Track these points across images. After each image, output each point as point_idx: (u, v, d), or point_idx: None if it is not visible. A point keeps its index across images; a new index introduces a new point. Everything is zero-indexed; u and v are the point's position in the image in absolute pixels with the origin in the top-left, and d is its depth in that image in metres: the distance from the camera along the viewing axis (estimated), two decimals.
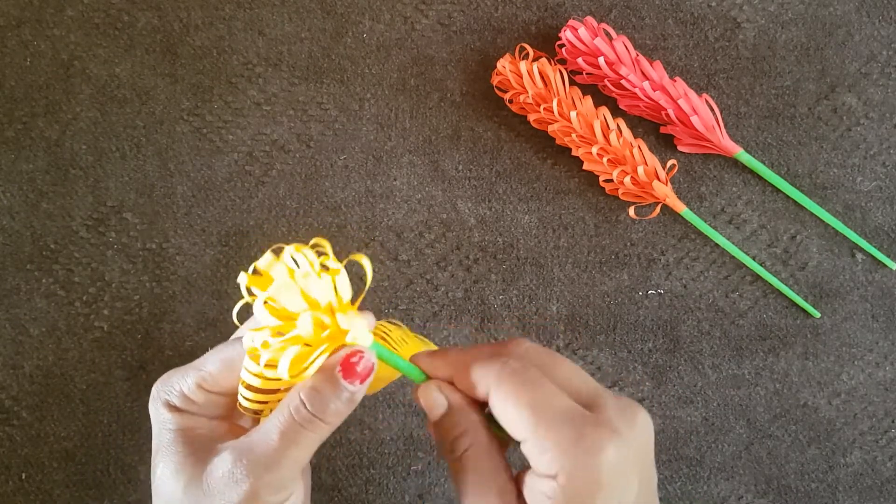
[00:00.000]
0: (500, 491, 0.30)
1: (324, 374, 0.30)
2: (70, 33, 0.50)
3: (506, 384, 0.30)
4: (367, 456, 0.50)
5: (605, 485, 0.28)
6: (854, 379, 0.50)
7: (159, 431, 0.33)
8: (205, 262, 0.50)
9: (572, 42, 0.48)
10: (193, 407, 0.33)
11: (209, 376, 0.33)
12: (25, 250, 0.49)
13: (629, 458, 0.29)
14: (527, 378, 0.30)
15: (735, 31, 0.50)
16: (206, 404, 0.33)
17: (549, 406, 0.29)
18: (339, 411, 0.31)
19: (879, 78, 0.50)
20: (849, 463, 0.50)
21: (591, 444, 0.28)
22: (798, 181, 0.50)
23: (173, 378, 0.34)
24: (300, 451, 0.30)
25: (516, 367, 0.30)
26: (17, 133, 0.50)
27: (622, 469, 0.29)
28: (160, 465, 0.33)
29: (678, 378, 0.50)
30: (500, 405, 0.30)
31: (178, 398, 0.33)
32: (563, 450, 0.28)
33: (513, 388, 0.30)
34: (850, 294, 0.50)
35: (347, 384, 0.30)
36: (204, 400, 0.33)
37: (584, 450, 0.28)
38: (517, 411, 0.29)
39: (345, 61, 0.50)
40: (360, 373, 0.30)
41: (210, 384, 0.33)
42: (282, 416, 0.31)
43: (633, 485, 0.29)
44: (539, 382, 0.30)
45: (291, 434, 0.30)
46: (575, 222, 0.50)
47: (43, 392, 0.49)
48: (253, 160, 0.50)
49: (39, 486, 0.49)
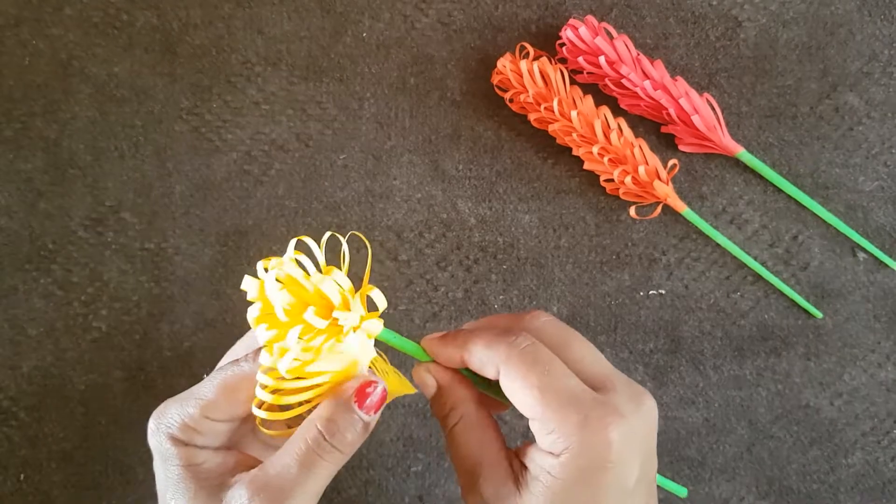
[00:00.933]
0: (489, 462, 0.31)
1: (339, 403, 0.31)
2: (68, 32, 0.49)
3: (514, 365, 0.30)
4: (366, 457, 0.50)
5: (607, 466, 0.29)
6: (856, 379, 0.50)
7: (166, 467, 0.32)
8: (203, 262, 0.49)
9: (573, 41, 0.48)
10: (197, 437, 0.32)
11: (211, 404, 0.32)
12: (23, 250, 0.49)
13: (633, 443, 0.29)
14: (536, 358, 0.30)
15: (736, 29, 0.50)
16: (209, 433, 0.32)
17: (556, 387, 0.29)
18: (354, 441, 0.31)
19: (881, 77, 0.50)
20: (851, 464, 0.50)
21: (596, 426, 0.29)
22: (800, 181, 0.50)
23: (171, 409, 0.32)
24: (317, 481, 0.30)
25: (525, 346, 0.30)
26: (16, 132, 0.49)
27: (625, 453, 0.29)
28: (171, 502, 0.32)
29: (679, 379, 0.50)
30: (508, 385, 0.30)
31: (179, 430, 0.32)
32: (568, 431, 0.29)
33: (521, 368, 0.30)
34: (852, 294, 0.50)
35: (362, 414, 0.31)
36: (207, 429, 0.32)
37: (589, 432, 0.28)
38: (525, 392, 0.30)
39: (344, 60, 0.50)
40: (374, 403, 0.31)
41: (212, 412, 0.32)
42: (298, 446, 0.30)
43: (635, 469, 0.30)
44: (548, 363, 0.30)
45: (308, 465, 0.30)
46: (575, 222, 0.50)
47: (41, 392, 0.49)
48: (252, 160, 0.50)
49: (38, 486, 0.49)
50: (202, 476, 0.32)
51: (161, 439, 0.32)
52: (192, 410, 0.32)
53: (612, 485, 0.29)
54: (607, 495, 0.29)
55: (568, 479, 0.29)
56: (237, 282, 0.49)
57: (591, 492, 0.29)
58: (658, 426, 0.50)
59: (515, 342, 0.31)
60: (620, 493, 0.29)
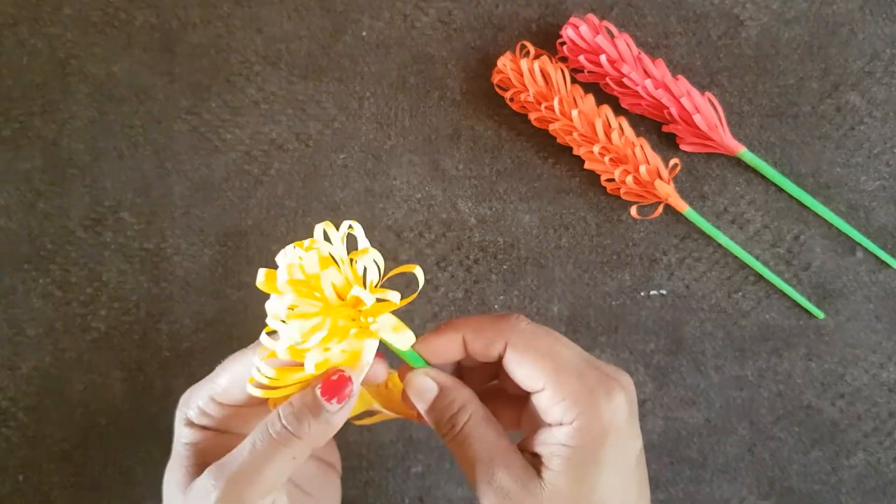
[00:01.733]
0: (505, 453, 0.31)
1: (304, 392, 0.31)
2: (67, 31, 0.49)
3: (523, 337, 0.31)
4: (366, 458, 0.49)
5: (617, 430, 0.30)
6: (858, 380, 0.50)
7: (174, 446, 0.34)
8: (203, 262, 0.49)
9: (574, 40, 0.48)
10: (208, 420, 0.34)
11: (221, 389, 0.33)
12: (22, 250, 0.49)
13: (633, 412, 0.31)
14: (539, 333, 0.32)
15: (738, 28, 0.50)
16: (220, 418, 0.34)
17: (564, 357, 0.31)
18: (315, 432, 0.31)
19: (883, 76, 0.49)
20: (852, 465, 0.50)
21: (605, 393, 0.30)
22: (801, 180, 0.49)
23: (192, 394, 0.34)
24: (272, 467, 0.30)
25: (527, 325, 0.32)
26: (14, 132, 0.49)
27: (630, 419, 0.31)
28: (169, 477, 0.33)
29: (681, 379, 0.50)
30: (517, 358, 0.31)
31: (195, 413, 0.34)
32: (576, 399, 0.30)
33: (530, 340, 0.31)
34: (854, 294, 0.49)
35: (325, 403, 0.31)
36: (218, 413, 0.34)
37: (599, 397, 0.30)
38: (535, 363, 0.31)
39: (344, 59, 0.50)
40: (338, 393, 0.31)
41: (222, 397, 0.33)
42: (258, 433, 0.31)
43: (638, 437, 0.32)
44: (553, 336, 0.32)
45: (265, 450, 0.30)
46: (576, 222, 0.50)
47: (40, 393, 0.49)
48: (251, 159, 0.50)
49: (37, 487, 0.49)
50: (201, 456, 0.33)
51: (179, 423, 0.34)
52: (204, 395, 0.33)
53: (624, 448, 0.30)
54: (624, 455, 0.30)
55: (585, 443, 0.30)
56: (237, 282, 0.49)
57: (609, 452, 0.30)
58: (658, 427, 0.50)
59: (517, 322, 0.32)
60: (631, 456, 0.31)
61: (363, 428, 0.49)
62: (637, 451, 0.32)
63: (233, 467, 0.30)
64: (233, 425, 0.34)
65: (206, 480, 0.31)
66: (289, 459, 0.31)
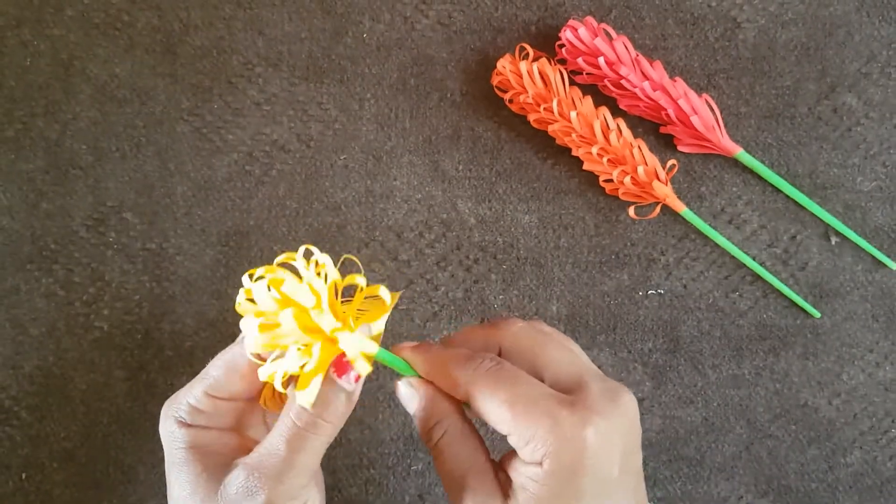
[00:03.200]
0: (476, 474, 0.31)
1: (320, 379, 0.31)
2: (70, 33, 0.50)
3: (481, 386, 0.31)
4: (367, 456, 0.50)
5: (587, 465, 0.29)
6: (854, 379, 0.50)
7: (170, 450, 0.33)
8: (205, 262, 0.50)
9: (572, 42, 0.48)
10: (202, 418, 0.33)
11: (215, 382, 0.33)
12: (25, 250, 0.49)
13: (611, 438, 0.30)
14: (501, 376, 0.31)
15: (735, 30, 0.50)
16: (214, 413, 0.34)
17: (525, 398, 0.30)
18: (339, 410, 0.31)
19: (879, 78, 0.50)
20: (849, 463, 0.50)
21: (569, 427, 0.29)
22: (798, 181, 0.50)
23: (179, 395, 0.34)
24: (307, 456, 0.31)
25: (489, 367, 0.31)
26: (17, 133, 0.49)
27: (604, 448, 0.29)
28: (175, 484, 0.33)
29: (678, 378, 0.50)
30: (480, 406, 0.31)
31: (186, 412, 0.33)
32: (543, 438, 0.29)
33: (489, 387, 0.30)
34: (851, 294, 0.50)
35: (343, 383, 0.31)
36: (212, 408, 0.33)
37: (563, 433, 0.29)
38: (496, 408, 0.30)
39: (345, 61, 0.50)
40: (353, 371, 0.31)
41: (216, 390, 0.33)
42: (285, 425, 0.31)
43: (615, 464, 0.30)
44: (514, 378, 0.31)
45: (297, 441, 0.31)
46: (575, 222, 0.50)
47: (43, 392, 0.49)
48: (253, 160, 0.50)
49: (39, 486, 0.49)
50: (206, 459, 0.33)
51: (168, 424, 0.33)
52: (198, 391, 0.33)
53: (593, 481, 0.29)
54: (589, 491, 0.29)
55: (552, 484, 0.29)
56: (238, 282, 0.50)
57: (574, 491, 0.29)
58: (656, 426, 0.50)
59: (480, 365, 0.31)
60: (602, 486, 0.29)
61: (364, 426, 0.50)
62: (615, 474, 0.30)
63: (272, 462, 0.30)
64: (228, 421, 0.34)
65: (245, 482, 0.30)
66: (320, 445, 0.31)
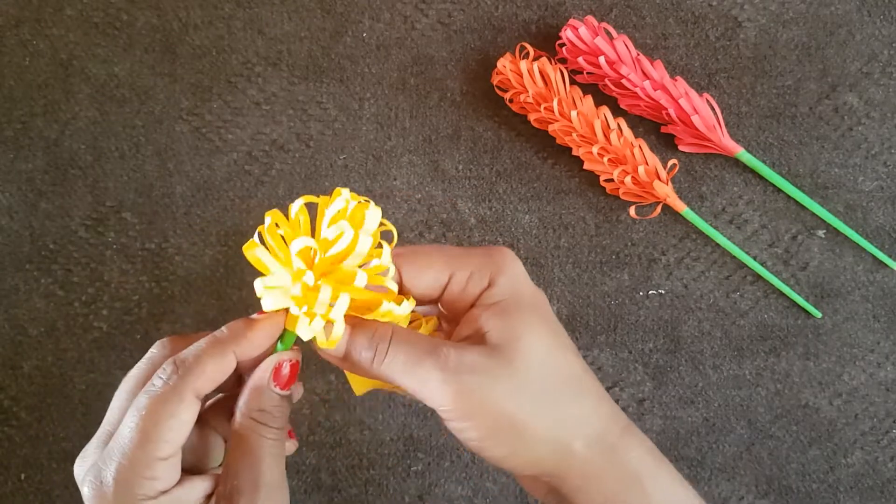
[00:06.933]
0: (446, 342, 0.31)
1: (256, 388, 0.32)
2: (69, 32, 0.50)
3: (413, 253, 0.32)
4: (366, 456, 0.50)
5: (527, 278, 0.32)
6: (855, 379, 0.50)
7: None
8: (204, 262, 0.50)
9: (573, 41, 0.48)
10: (147, 486, 0.30)
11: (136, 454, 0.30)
12: (24, 250, 0.49)
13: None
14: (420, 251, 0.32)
15: (736, 30, 0.50)
16: (161, 476, 0.30)
17: (455, 249, 0.32)
18: (277, 412, 0.31)
19: (881, 77, 0.50)
20: (850, 463, 0.50)
21: (500, 254, 0.32)
22: (799, 181, 0.50)
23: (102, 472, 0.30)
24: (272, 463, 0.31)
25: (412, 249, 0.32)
26: (16, 133, 0.49)
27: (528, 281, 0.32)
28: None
29: (679, 378, 0.50)
30: (414, 272, 0.32)
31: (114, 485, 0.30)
32: (483, 263, 0.31)
33: (417, 253, 0.32)
34: (852, 294, 0.50)
35: (277, 390, 0.31)
36: (156, 474, 0.30)
37: (497, 259, 0.31)
38: (431, 265, 0.32)
39: (344, 61, 0.50)
40: (285, 378, 0.32)
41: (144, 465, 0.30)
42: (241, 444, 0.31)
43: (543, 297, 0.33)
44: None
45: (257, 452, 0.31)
46: (575, 222, 0.50)
47: (42, 392, 0.49)
48: (252, 160, 0.50)
49: (38, 486, 0.49)
50: None
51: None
52: (122, 465, 0.30)
53: (542, 296, 0.32)
54: (544, 301, 0.32)
55: (511, 293, 0.31)
56: (238, 282, 0.50)
57: (536, 296, 0.32)
58: (657, 426, 0.50)
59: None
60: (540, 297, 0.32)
61: (363, 427, 0.50)
62: (548, 308, 0.32)
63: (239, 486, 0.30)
64: (178, 472, 0.31)
65: None
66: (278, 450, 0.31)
